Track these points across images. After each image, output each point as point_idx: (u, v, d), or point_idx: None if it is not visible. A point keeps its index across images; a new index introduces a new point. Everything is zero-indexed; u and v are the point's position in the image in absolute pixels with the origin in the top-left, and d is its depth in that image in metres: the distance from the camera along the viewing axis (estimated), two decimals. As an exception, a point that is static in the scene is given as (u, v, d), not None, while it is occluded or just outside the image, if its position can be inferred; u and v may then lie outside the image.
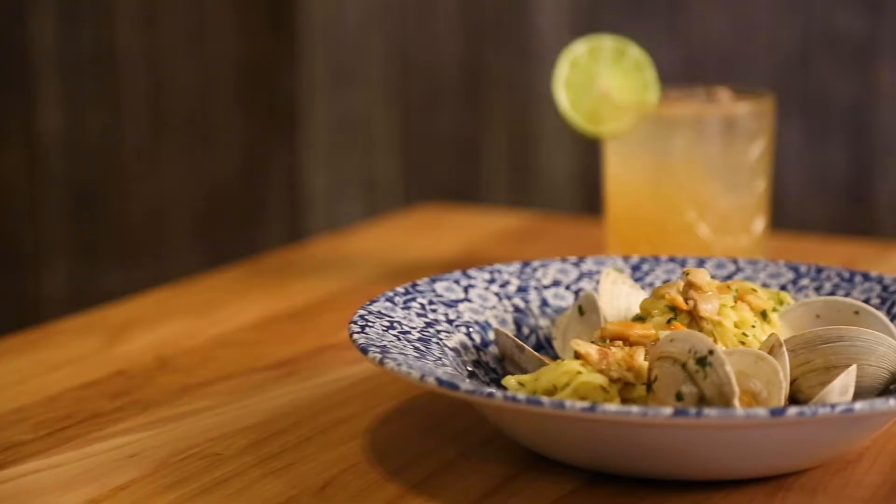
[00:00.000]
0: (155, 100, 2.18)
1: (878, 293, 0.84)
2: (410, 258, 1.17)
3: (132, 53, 2.17)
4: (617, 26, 1.96)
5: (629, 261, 0.90)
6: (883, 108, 1.87)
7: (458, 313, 0.83)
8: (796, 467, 0.71)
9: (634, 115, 1.02)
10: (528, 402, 0.66)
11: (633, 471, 0.70)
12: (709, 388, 0.69)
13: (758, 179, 1.03)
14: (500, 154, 2.10)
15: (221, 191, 2.18)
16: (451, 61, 2.10)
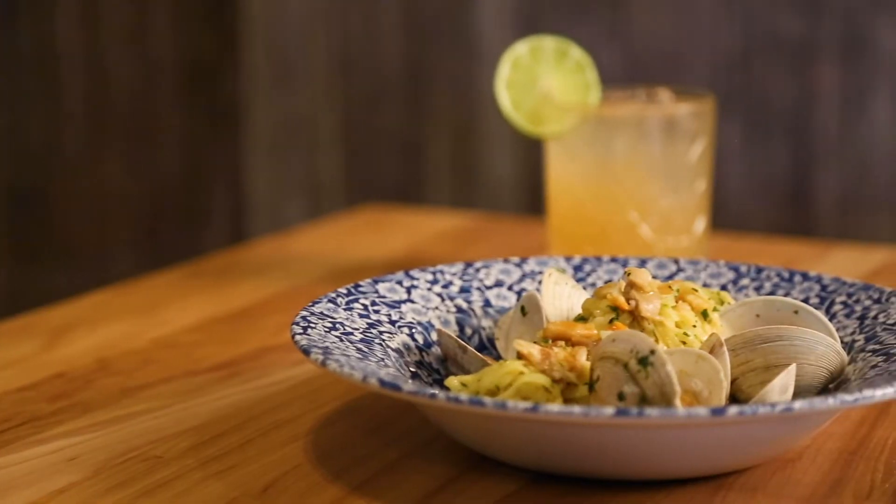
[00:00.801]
0: (95, 100, 2.16)
1: (817, 293, 0.85)
2: (353, 259, 1.17)
3: (72, 53, 2.15)
4: (559, 27, 1.96)
5: (571, 261, 0.90)
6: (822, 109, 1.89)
7: (400, 314, 0.83)
8: (737, 466, 0.72)
9: (576, 116, 1.03)
10: (471, 403, 0.66)
11: (576, 470, 0.70)
12: (650, 388, 0.69)
13: (699, 180, 1.04)
14: (444, 155, 2.10)
15: (163, 191, 2.17)
16: (394, 61, 2.10)
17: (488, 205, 2.07)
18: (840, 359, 0.76)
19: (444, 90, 2.08)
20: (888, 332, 0.78)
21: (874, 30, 1.85)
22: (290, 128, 2.17)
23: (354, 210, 1.39)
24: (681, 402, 0.69)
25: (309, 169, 2.17)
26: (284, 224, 2.12)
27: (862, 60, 1.86)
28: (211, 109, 2.17)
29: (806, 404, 0.66)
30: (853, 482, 0.71)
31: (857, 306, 0.82)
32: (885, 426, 0.78)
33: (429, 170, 2.11)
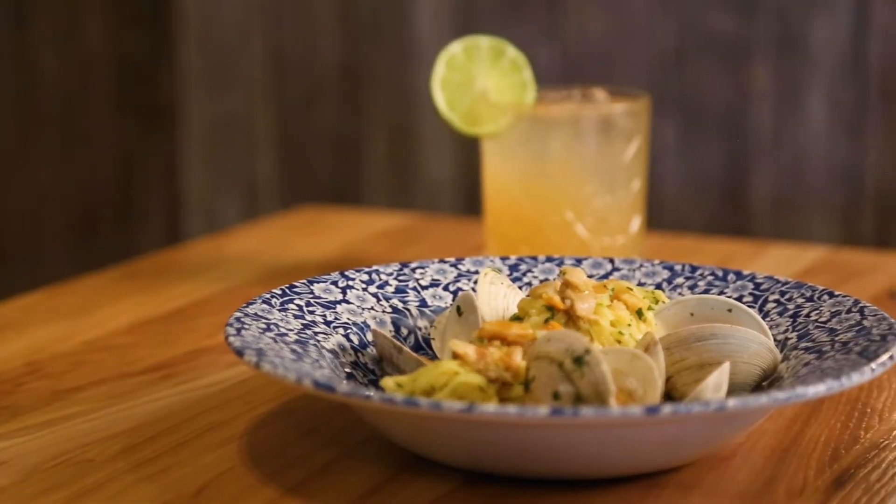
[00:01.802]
0: (25, 99, 2.14)
1: (751, 291, 0.85)
2: (289, 260, 1.16)
3: (1, 52, 2.13)
4: (496, 27, 1.97)
5: (507, 261, 0.90)
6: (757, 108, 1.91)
7: (335, 315, 0.83)
8: (672, 464, 0.72)
9: (511, 116, 1.03)
10: (405, 404, 0.66)
11: (512, 470, 0.70)
12: (585, 387, 0.69)
13: (634, 179, 1.04)
14: (381, 155, 2.10)
15: (97, 192, 2.15)
16: (330, 61, 2.09)
17: (426, 205, 2.07)
18: (773, 357, 0.76)
19: (380, 90, 2.08)
20: (820, 330, 0.79)
21: (808, 29, 1.87)
22: (225, 127, 2.15)
23: (290, 210, 1.38)
24: (616, 400, 0.70)
25: (245, 169, 2.16)
26: (220, 225, 2.11)
27: (796, 59, 1.88)
28: (145, 109, 2.15)
29: (739, 402, 0.67)
30: (786, 479, 0.72)
31: (789, 304, 0.82)
32: (817, 423, 0.79)
33: (365, 170, 2.11)
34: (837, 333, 0.77)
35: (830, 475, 0.72)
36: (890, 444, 0.76)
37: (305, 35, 2.10)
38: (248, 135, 2.15)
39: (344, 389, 0.68)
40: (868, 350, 0.73)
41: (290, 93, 2.13)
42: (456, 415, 0.65)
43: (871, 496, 0.70)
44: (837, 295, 0.81)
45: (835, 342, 0.77)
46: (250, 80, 2.13)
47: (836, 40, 1.87)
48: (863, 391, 0.83)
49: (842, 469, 0.73)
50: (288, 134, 2.14)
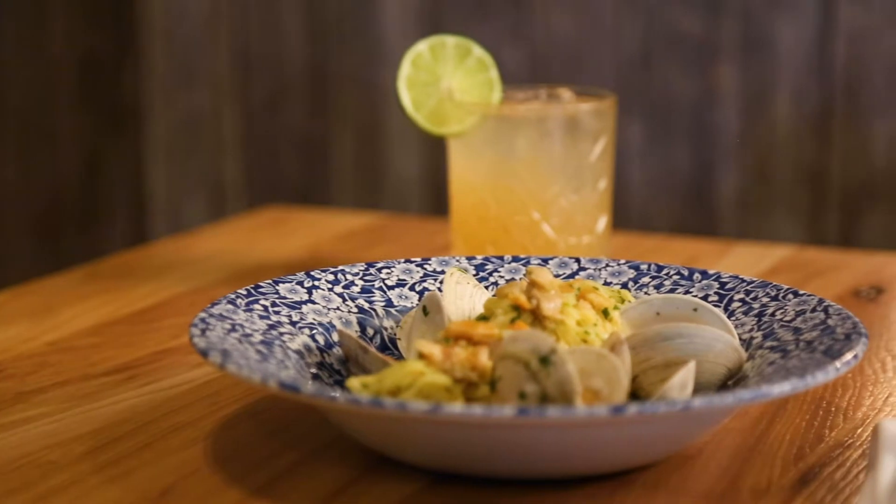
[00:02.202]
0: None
1: (716, 290, 0.85)
2: (255, 260, 1.16)
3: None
4: (463, 26, 1.97)
5: (473, 261, 0.90)
6: (723, 108, 1.91)
7: (301, 315, 0.83)
8: (638, 463, 0.72)
9: (478, 115, 1.02)
10: (371, 405, 0.66)
11: (478, 470, 0.70)
12: (551, 387, 0.69)
13: (600, 179, 1.04)
14: (347, 154, 2.10)
15: (61, 192, 2.14)
16: (297, 60, 2.09)
17: (393, 205, 2.07)
18: (738, 356, 0.77)
19: (347, 89, 2.08)
20: (785, 329, 0.79)
21: (774, 29, 1.88)
22: (191, 128, 2.15)
23: (256, 210, 1.38)
24: (582, 400, 0.70)
25: (211, 169, 2.15)
26: (186, 225, 2.10)
27: (762, 60, 1.89)
28: (110, 109, 2.14)
29: (705, 402, 0.67)
30: (751, 478, 0.72)
31: (755, 303, 0.83)
32: (782, 422, 0.79)
33: (332, 170, 2.11)
34: (802, 332, 0.78)
35: (795, 474, 0.72)
36: (854, 443, 0.76)
37: (271, 35, 2.10)
38: (215, 135, 2.14)
39: (309, 390, 0.68)
40: (832, 349, 0.73)
41: (256, 93, 2.12)
42: (422, 415, 0.65)
43: (836, 494, 0.70)
44: (802, 294, 0.82)
45: (799, 341, 0.77)
46: (216, 79, 2.12)
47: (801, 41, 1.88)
48: (827, 390, 0.84)
49: (807, 467, 0.73)
50: (254, 134, 2.14)
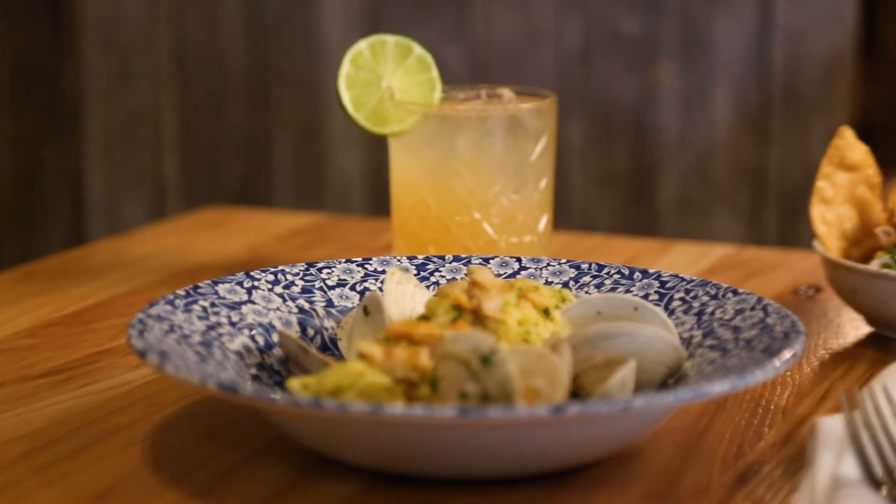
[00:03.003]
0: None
1: (657, 289, 0.85)
2: (195, 261, 1.15)
3: None
4: (405, 26, 1.96)
5: (414, 260, 0.90)
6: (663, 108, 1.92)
7: (241, 315, 0.82)
8: (579, 462, 0.72)
9: (418, 115, 1.02)
10: (311, 406, 0.66)
11: (419, 470, 0.70)
12: (492, 387, 0.69)
13: (542, 179, 1.04)
14: (289, 154, 2.09)
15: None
16: (237, 59, 2.08)
17: (335, 205, 2.06)
18: (678, 354, 0.77)
19: (288, 89, 2.07)
20: (725, 328, 0.79)
21: (713, 29, 1.89)
22: (130, 127, 2.13)
23: (196, 211, 1.37)
24: (523, 400, 0.69)
25: (150, 169, 2.13)
26: (125, 226, 2.08)
27: (701, 60, 1.90)
28: (47, 109, 2.12)
29: (645, 401, 0.67)
30: (692, 476, 0.72)
31: (694, 302, 0.83)
32: (722, 420, 0.79)
33: (273, 170, 2.10)
34: (741, 331, 0.78)
35: (735, 472, 0.73)
36: (793, 441, 0.77)
37: (211, 35, 2.08)
38: (154, 135, 2.13)
39: (249, 391, 0.67)
40: (771, 347, 0.74)
41: (195, 92, 2.11)
42: (362, 416, 0.65)
43: (775, 492, 0.70)
44: (741, 293, 0.82)
45: (739, 340, 0.77)
46: (155, 79, 2.11)
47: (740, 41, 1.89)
48: (767, 388, 0.84)
49: (746, 465, 0.73)
50: (194, 134, 2.12)
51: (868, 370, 0.87)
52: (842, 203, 0.95)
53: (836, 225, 0.94)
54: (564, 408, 0.66)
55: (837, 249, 0.94)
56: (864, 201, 0.95)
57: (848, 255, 0.95)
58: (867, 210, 0.95)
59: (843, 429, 0.71)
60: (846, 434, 0.70)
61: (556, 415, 0.66)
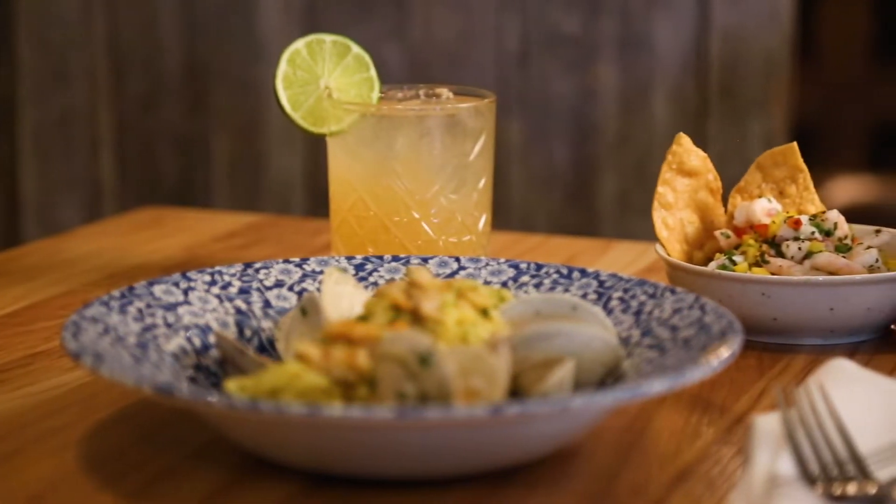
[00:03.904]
0: None
1: (595, 289, 0.85)
2: (131, 262, 1.14)
3: None
4: (344, 26, 1.96)
5: (353, 261, 0.90)
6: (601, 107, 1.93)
7: (177, 317, 0.81)
8: (517, 462, 0.72)
9: (356, 114, 1.02)
10: (247, 407, 0.65)
11: (357, 471, 0.70)
12: (430, 387, 0.69)
13: (480, 178, 1.04)
14: (227, 154, 2.07)
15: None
16: (173, 58, 2.06)
17: (275, 206, 2.05)
18: (617, 354, 0.77)
19: (226, 88, 2.05)
20: (662, 327, 0.79)
21: (651, 29, 1.90)
22: (65, 127, 2.11)
23: (133, 211, 1.35)
24: (461, 400, 0.69)
25: (86, 169, 2.11)
26: (60, 226, 2.06)
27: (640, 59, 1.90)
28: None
29: (583, 400, 0.67)
30: (630, 475, 0.72)
31: (633, 302, 0.83)
32: (660, 419, 0.80)
33: (211, 170, 2.08)
34: (679, 330, 0.78)
35: (673, 470, 0.73)
36: (730, 439, 0.77)
37: (147, 32, 2.07)
38: (89, 134, 2.10)
39: (184, 393, 0.67)
40: (708, 346, 0.74)
41: (131, 91, 2.09)
42: (299, 417, 0.65)
43: (713, 490, 0.71)
44: (679, 292, 0.82)
45: (677, 339, 0.78)
46: (90, 78, 2.09)
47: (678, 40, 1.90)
48: (704, 387, 0.84)
49: (684, 464, 0.74)
50: (130, 133, 2.10)
51: (805, 368, 0.88)
52: (683, 208, 0.97)
53: (677, 229, 0.96)
54: (503, 408, 0.66)
55: (679, 253, 0.96)
56: (706, 206, 0.98)
57: (690, 258, 0.97)
58: (709, 214, 0.98)
59: (780, 427, 0.71)
60: (782, 432, 0.71)
61: (495, 415, 0.66)
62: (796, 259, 0.92)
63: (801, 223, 0.93)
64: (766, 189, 0.99)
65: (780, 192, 0.98)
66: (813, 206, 0.98)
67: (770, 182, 0.99)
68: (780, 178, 0.99)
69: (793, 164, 0.98)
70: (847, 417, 0.72)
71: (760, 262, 0.93)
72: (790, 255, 0.92)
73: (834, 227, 0.94)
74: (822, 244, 0.92)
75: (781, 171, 0.98)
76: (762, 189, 0.99)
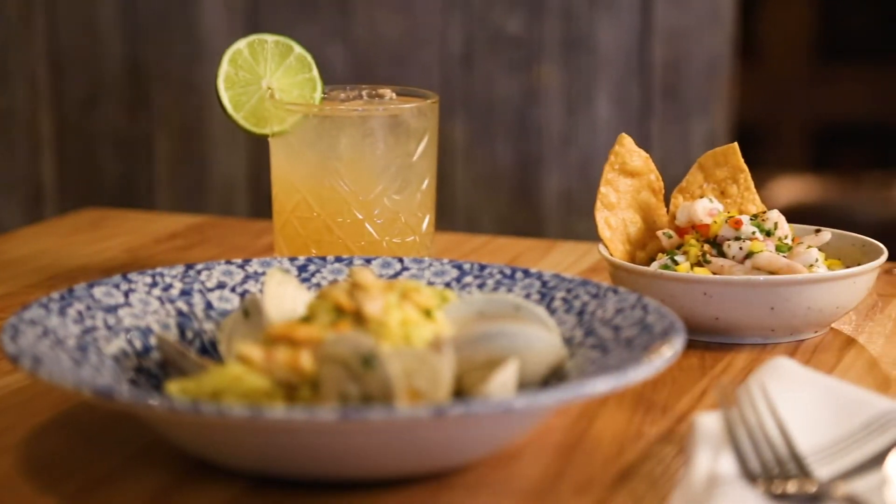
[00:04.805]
0: None
1: (538, 289, 0.86)
2: (72, 264, 1.13)
3: None
4: (287, 27, 1.95)
5: (296, 262, 0.89)
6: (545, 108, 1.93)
7: (117, 319, 0.81)
8: (461, 463, 0.72)
9: (299, 115, 1.01)
10: (188, 410, 0.65)
11: (299, 473, 0.69)
12: (373, 388, 0.69)
13: (424, 179, 1.04)
14: (169, 155, 2.06)
15: None
16: (115, 58, 2.05)
17: (219, 207, 2.04)
18: (560, 354, 0.77)
19: (168, 89, 2.04)
20: (605, 327, 0.80)
21: (594, 30, 1.90)
22: (4, 128, 2.09)
23: (74, 213, 1.34)
24: (404, 400, 0.69)
25: (26, 170, 2.09)
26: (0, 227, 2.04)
27: (583, 60, 1.91)
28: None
29: (527, 400, 0.67)
30: (573, 475, 0.72)
31: (575, 302, 0.83)
32: (603, 419, 0.80)
33: (154, 171, 2.07)
34: (621, 330, 0.79)
35: (616, 470, 0.73)
36: (672, 438, 0.77)
37: (88, 33, 2.05)
38: (30, 135, 2.08)
39: (125, 396, 0.66)
40: (651, 346, 0.74)
41: (72, 92, 2.07)
42: (241, 419, 0.64)
43: (656, 489, 0.71)
44: (621, 292, 0.82)
45: (619, 338, 0.78)
46: (30, 79, 2.07)
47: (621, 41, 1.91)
48: (647, 386, 0.85)
49: (627, 463, 0.74)
50: (71, 134, 2.09)
51: (746, 367, 0.89)
52: (626, 208, 0.98)
53: (620, 229, 0.97)
54: (446, 409, 0.66)
55: (622, 253, 0.97)
56: (648, 206, 0.98)
57: (633, 258, 0.97)
58: (651, 214, 0.99)
59: (721, 426, 0.72)
60: (724, 431, 0.71)
61: (438, 416, 0.65)
62: (737, 259, 0.93)
63: (741, 223, 0.93)
64: (707, 189, 0.99)
65: (721, 192, 0.99)
66: (754, 206, 0.99)
67: (712, 182, 0.99)
68: (721, 178, 0.99)
69: (734, 165, 0.99)
70: (787, 416, 0.73)
71: (702, 261, 0.93)
72: (731, 254, 0.93)
73: (774, 226, 0.94)
74: (762, 244, 0.93)
75: (723, 171, 0.99)
76: (704, 189, 0.99)
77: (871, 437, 0.72)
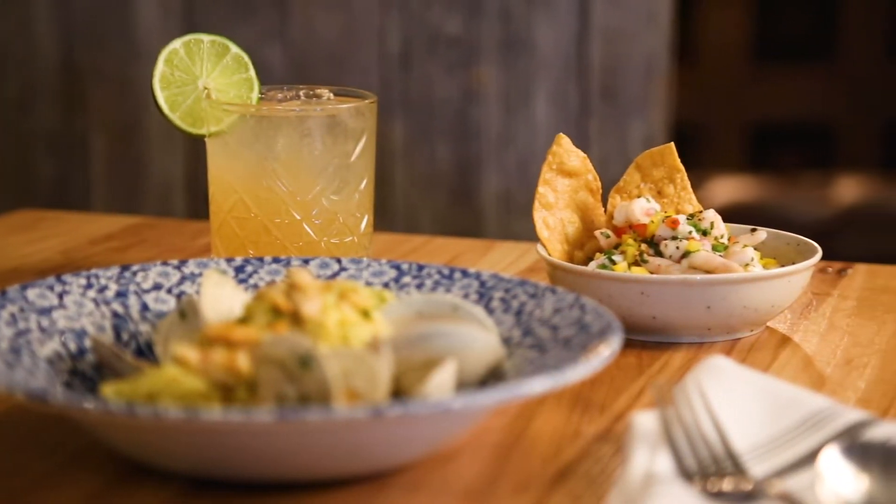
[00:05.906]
0: None
1: (476, 289, 0.86)
2: (4, 266, 1.12)
3: None
4: (224, 27, 1.94)
5: (233, 262, 0.89)
6: (484, 108, 1.94)
7: (51, 321, 0.80)
8: (399, 464, 0.72)
9: (235, 115, 1.01)
10: (124, 412, 0.64)
11: (238, 475, 0.69)
12: (311, 389, 0.68)
13: (362, 179, 1.04)
14: (105, 155, 2.05)
15: None
16: (48, 58, 2.03)
17: (156, 208, 2.03)
18: (498, 354, 0.77)
19: (104, 88, 2.03)
20: (543, 327, 0.80)
21: (532, 30, 1.91)
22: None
23: (7, 214, 1.33)
24: (342, 401, 0.69)
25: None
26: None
27: (521, 61, 1.92)
28: None
29: (464, 400, 0.67)
30: (511, 474, 0.72)
31: (514, 302, 0.83)
32: (541, 418, 0.80)
33: (90, 172, 2.05)
34: (559, 329, 0.79)
35: (554, 469, 0.73)
36: (610, 438, 0.78)
37: (21, 32, 2.03)
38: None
39: (59, 398, 0.66)
40: (588, 345, 0.75)
41: (5, 92, 2.05)
42: (177, 421, 0.64)
43: (594, 488, 0.71)
44: (559, 292, 0.83)
45: (557, 338, 0.78)
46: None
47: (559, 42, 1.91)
48: (584, 386, 0.85)
49: (565, 463, 0.74)
50: (4, 135, 2.06)
51: (683, 366, 0.89)
52: (564, 208, 0.98)
53: (558, 229, 0.98)
54: (384, 409, 0.65)
55: (560, 253, 0.97)
56: (586, 206, 0.99)
57: (571, 258, 0.98)
58: (589, 214, 0.99)
59: (658, 424, 0.72)
60: (661, 430, 0.71)
61: (376, 416, 0.65)
62: (674, 258, 0.93)
63: (678, 223, 0.94)
64: (644, 189, 1.00)
65: (658, 192, 1.00)
66: (690, 206, 1.00)
67: (649, 182, 1.00)
68: (658, 178, 1.00)
69: (670, 165, 0.99)
70: (724, 414, 0.73)
71: (639, 261, 0.94)
72: (668, 254, 0.93)
73: (711, 226, 0.95)
74: (699, 243, 0.93)
75: (660, 171, 1.00)
76: (641, 189, 1.00)
77: (805, 434, 0.72)
